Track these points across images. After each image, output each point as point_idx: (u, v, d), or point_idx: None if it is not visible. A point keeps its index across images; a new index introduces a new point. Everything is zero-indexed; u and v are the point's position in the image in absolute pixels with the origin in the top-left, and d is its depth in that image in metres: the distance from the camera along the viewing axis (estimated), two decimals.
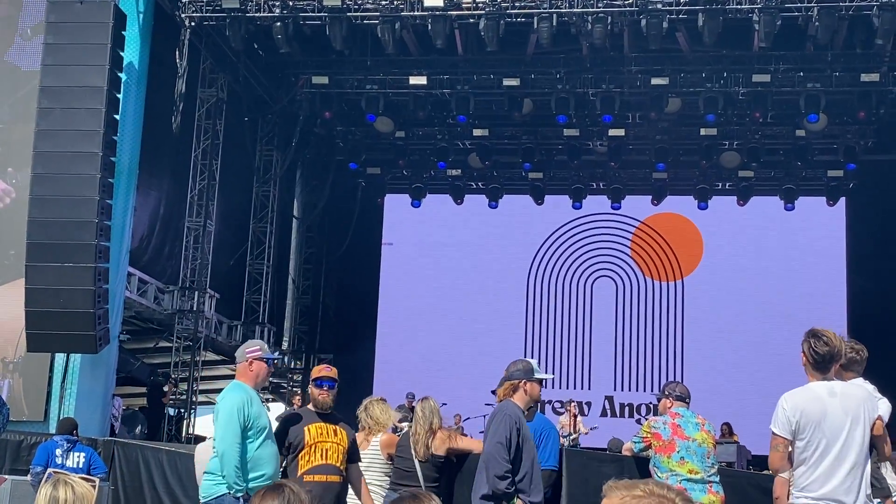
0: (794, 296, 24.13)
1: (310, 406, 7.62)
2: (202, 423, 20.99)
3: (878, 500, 6.07)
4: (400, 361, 25.02)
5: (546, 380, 7.35)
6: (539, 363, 7.28)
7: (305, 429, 7.37)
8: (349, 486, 7.52)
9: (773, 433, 5.60)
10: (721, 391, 22.10)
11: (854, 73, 20.61)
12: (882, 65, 20.30)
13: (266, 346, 7.45)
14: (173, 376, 20.45)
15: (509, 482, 6.61)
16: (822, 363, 5.57)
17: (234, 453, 6.74)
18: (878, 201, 24.13)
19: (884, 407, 5.58)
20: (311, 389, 7.55)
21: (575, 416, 19.72)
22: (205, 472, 7.00)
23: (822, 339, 5.56)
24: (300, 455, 7.28)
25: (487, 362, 23.99)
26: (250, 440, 6.85)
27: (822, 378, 5.54)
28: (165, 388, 19.87)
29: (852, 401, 5.43)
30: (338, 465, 7.38)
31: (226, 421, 6.81)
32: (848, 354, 6.51)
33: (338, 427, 7.51)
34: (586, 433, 19.49)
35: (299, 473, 7.21)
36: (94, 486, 4.05)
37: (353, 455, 7.61)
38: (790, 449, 5.57)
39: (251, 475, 6.83)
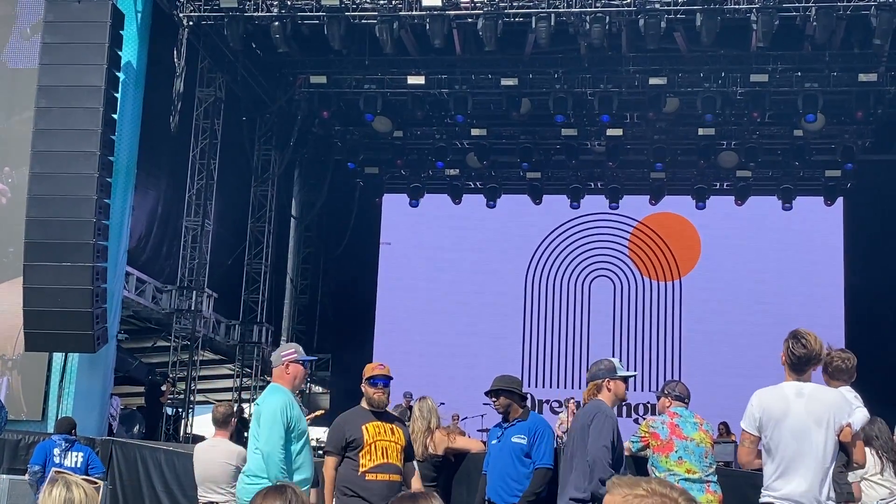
0: (791, 295, 24.15)
1: (363, 404, 7.58)
2: (200, 423, 21.01)
3: None
4: (398, 361, 24.84)
5: (630, 377, 7.38)
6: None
7: (363, 427, 7.35)
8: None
9: (741, 427, 5.75)
10: (718, 390, 22.08)
11: (852, 73, 20.62)
12: (880, 65, 20.31)
13: (301, 348, 7.46)
14: (171, 376, 20.45)
15: None
16: (798, 364, 5.61)
17: (279, 454, 6.74)
18: (875, 201, 24.14)
19: (858, 415, 5.60)
20: (366, 388, 7.53)
21: (574, 414, 19.70)
22: (243, 475, 6.97)
23: (800, 340, 5.60)
24: (360, 453, 7.25)
25: (485, 362, 24.04)
26: (292, 443, 6.86)
27: (797, 379, 5.59)
28: (163, 388, 19.87)
29: (818, 404, 5.46)
30: (398, 463, 7.39)
31: (270, 423, 6.81)
32: (834, 363, 6.53)
33: (394, 426, 7.53)
34: None
35: (360, 472, 7.18)
36: (97, 489, 4.05)
37: (409, 454, 7.64)
38: (758, 445, 5.68)
39: (294, 478, 6.81)
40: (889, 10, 16.94)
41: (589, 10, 17.59)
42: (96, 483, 4.08)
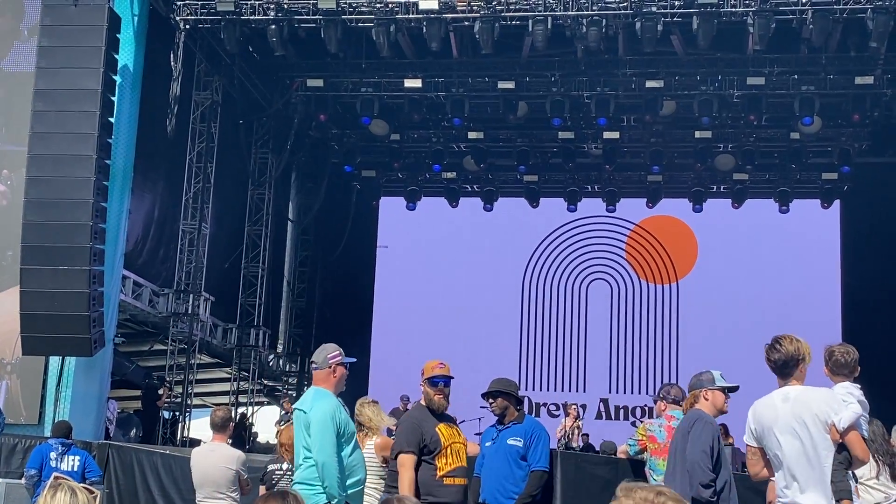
0: (788, 298, 24.15)
1: (422, 403, 7.41)
2: (197, 426, 20.99)
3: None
4: (395, 364, 24.98)
5: (730, 388, 7.28)
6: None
7: (437, 430, 7.20)
8: None
9: (744, 442, 5.82)
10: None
11: (848, 75, 20.65)
12: (876, 67, 20.34)
13: (340, 349, 7.22)
14: (168, 379, 20.43)
15: (712, 491, 6.60)
16: (777, 369, 5.63)
17: (334, 462, 6.56)
18: (872, 204, 24.14)
19: (846, 412, 5.58)
20: (426, 388, 7.32)
21: (575, 419, 19.71)
22: (296, 483, 6.83)
23: (774, 345, 5.62)
24: (437, 457, 7.14)
25: (483, 365, 23.96)
26: (343, 447, 6.70)
27: (784, 384, 5.60)
28: (160, 391, 19.86)
29: (802, 406, 5.46)
30: (465, 465, 7.35)
31: (321, 430, 6.60)
32: (834, 357, 6.53)
33: (456, 427, 7.44)
34: (580, 437, 19.45)
35: (439, 476, 7.08)
36: (95, 498, 4.03)
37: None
38: (762, 456, 5.70)
39: (348, 482, 6.69)
40: (885, 12, 16.96)
41: (585, 13, 17.61)
42: (94, 493, 4.05)
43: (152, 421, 19.83)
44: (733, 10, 17.29)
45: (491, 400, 8.03)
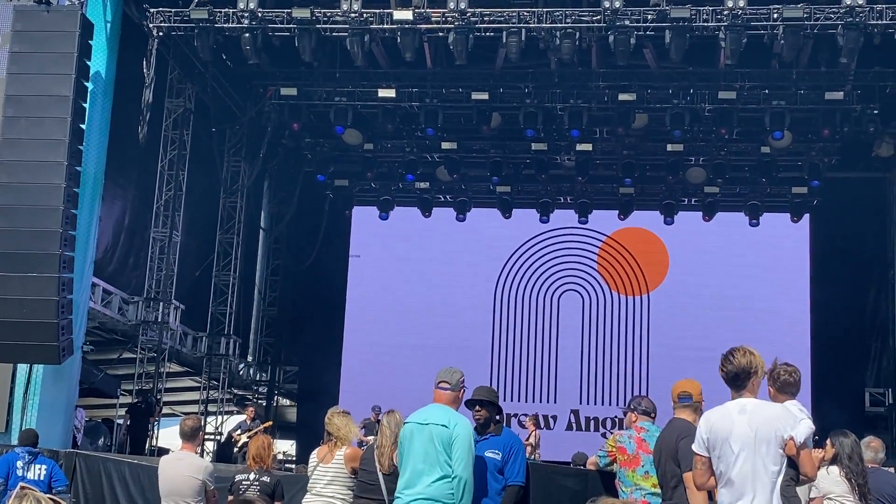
0: (757, 311, 24.29)
1: None
2: (166, 435, 20.85)
3: None
4: (366, 374, 24.96)
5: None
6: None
7: None
8: None
9: (692, 450, 5.81)
10: None
11: (819, 91, 20.87)
12: (846, 83, 20.55)
13: None
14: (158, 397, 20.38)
15: None
16: (729, 381, 5.69)
17: (473, 482, 6.82)
18: (841, 218, 24.35)
19: (802, 427, 5.62)
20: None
21: (534, 430, 19.73)
22: (427, 500, 6.87)
23: (728, 357, 5.69)
24: None
25: None
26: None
27: (738, 395, 5.64)
28: (156, 408, 19.87)
29: (760, 418, 5.50)
30: None
31: (467, 450, 6.85)
32: (782, 377, 6.56)
33: None
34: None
35: None
36: None
37: None
38: (710, 466, 5.70)
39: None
40: (855, 29, 17.13)
41: (559, 25, 17.69)
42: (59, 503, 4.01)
43: (143, 434, 19.65)
44: (705, 24, 17.41)
45: (478, 408, 7.93)
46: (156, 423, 20.18)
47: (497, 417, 8.05)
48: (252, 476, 8.70)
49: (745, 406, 5.57)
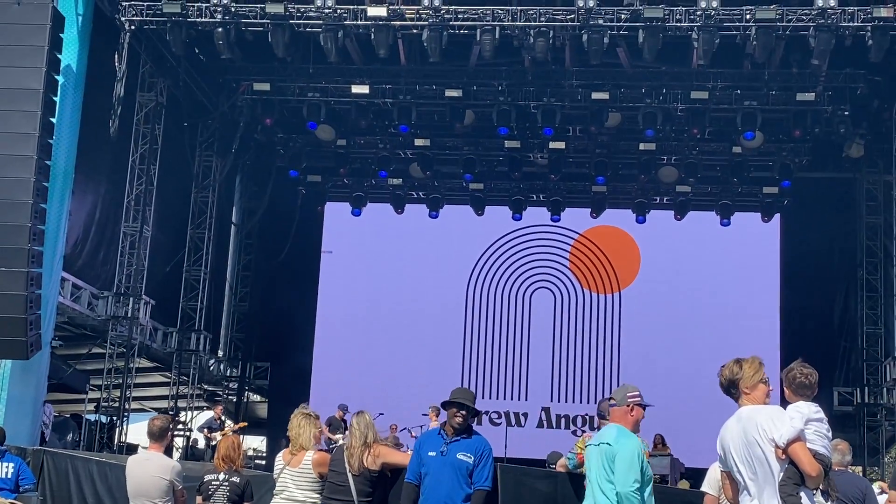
0: (728, 310, 24.42)
1: None
2: (135, 431, 20.74)
3: None
4: (337, 370, 24.91)
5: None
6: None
7: None
8: None
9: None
10: (655, 403, 22.25)
11: (790, 92, 21.00)
12: (817, 84, 20.69)
13: (639, 390, 7.45)
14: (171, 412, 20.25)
15: None
16: (727, 395, 5.80)
17: (634, 497, 6.80)
18: (812, 218, 24.55)
19: (785, 429, 5.65)
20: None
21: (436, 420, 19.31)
22: None
23: (718, 374, 5.80)
24: None
25: (425, 372, 24.04)
26: (643, 489, 6.92)
27: (739, 404, 5.74)
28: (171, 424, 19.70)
29: (751, 424, 5.60)
30: None
31: (629, 464, 6.86)
32: (797, 379, 6.56)
33: None
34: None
35: None
36: None
37: None
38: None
39: None
40: (827, 31, 17.27)
41: (533, 24, 17.72)
42: None
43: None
44: (678, 24, 17.49)
45: (458, 410, 7.88)
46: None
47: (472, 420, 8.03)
48: (221, 476, 8.65)
49: (740, 415, 5.71)
